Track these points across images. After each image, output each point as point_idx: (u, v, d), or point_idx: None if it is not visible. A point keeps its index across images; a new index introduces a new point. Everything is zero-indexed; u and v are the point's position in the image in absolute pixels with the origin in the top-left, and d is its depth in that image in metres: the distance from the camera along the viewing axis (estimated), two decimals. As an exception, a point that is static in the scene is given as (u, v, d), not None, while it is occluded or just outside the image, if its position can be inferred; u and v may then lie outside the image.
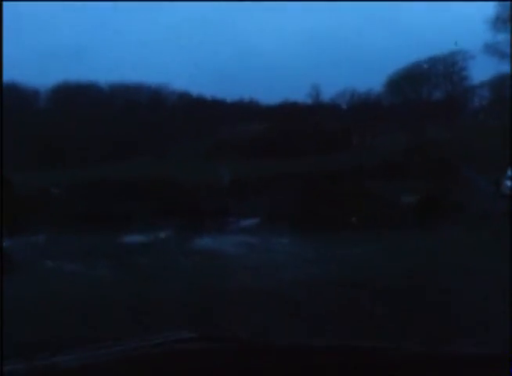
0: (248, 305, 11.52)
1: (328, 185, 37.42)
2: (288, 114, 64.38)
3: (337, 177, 40.95)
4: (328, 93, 68.34)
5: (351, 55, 71.96)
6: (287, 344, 3.61)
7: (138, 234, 26.40)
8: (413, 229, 25.98)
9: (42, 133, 57.55)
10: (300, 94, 68.63)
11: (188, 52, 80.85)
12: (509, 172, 35.38)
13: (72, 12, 69.35)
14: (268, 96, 66.43)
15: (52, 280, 16.27)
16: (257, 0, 66.50)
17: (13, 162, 37.29)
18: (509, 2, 47.40)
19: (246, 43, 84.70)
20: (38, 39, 73.84)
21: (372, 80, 61.42)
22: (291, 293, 13.02)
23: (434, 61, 61.70)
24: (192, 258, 19.36)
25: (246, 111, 67.73)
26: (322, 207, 30.72)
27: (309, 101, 67.47)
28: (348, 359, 2.77)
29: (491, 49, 50.01)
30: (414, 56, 59.53)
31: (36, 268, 17.73)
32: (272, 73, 74.37)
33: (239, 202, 34.92)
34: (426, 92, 63.46)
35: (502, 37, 49.98)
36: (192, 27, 79.55)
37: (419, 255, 18.46)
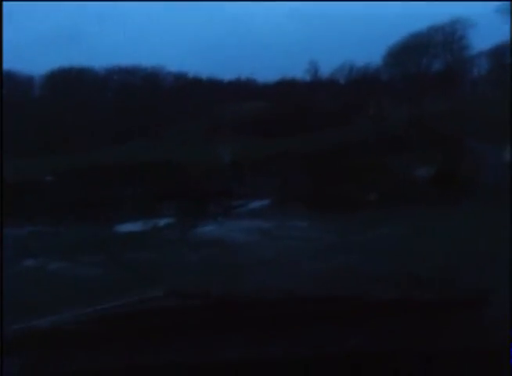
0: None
1: (336, 161, 34.58)
2: (286, 92, 61.96)
3: (344, 153, 38.31)
4: (326, 68, 66.48)
5: (349, 28, 69.30)
6: (258, 297, 3.26)
7: (135, 222, 23.36)
8: (435, 205, 22.97)
9: (38, 119, 55.50)
10: (298, 71, 66.46)
11: (182, 33, 78.49)
12: None
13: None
14: (266, 74, 64.96)
15: (33, 281, 13.05)
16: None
17: (8, 149, 33.67)
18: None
19: (240, 22, 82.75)
20: (32, 25, 71.37)
21: (371, 53, 59.39)
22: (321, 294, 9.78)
23: (433, 31, 59.47)
24: (196, 249, 15.94)
25: (243, 90, 65.32)
26: (335, 184, 27.68)
27: (307, 77, 65.42)
28: (320, 308, 2.75)
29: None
30: (413, 25, 57.31)
31: (16, 266, 14.52)
32: (269, 50, 72.31)
33: (244, 183, 31.87)
34: (425, 63, 60.56)
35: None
36: (186, 8, 77.10)
37: (456, 236, 15.31)
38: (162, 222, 23.04)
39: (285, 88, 63.42)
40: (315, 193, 26.86)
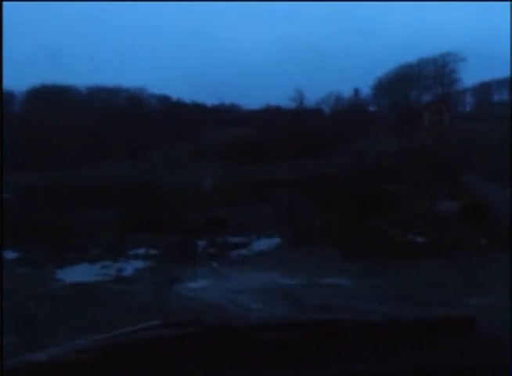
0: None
1: (339, 189, 27.36)
2: (271, 119, 57.31)
3: (342, 181, 31.51)
4: (313, 98, 60.18)
5: (337, 58, 62.98)
6: (249, 325, 3.15)
7: (91, 264, 15.18)
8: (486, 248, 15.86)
9: (16, 136, 47.89)
10: (283, 99, 61.00)
11: (167, 57, 72.20)
12: None
13: (49, 15, 60.76)
14: (250, 101, 59.32)
15: None
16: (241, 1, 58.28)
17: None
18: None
19: (226, 48, 76.41)
20: (14, 42, 64.24)
21: (359, 83, 54.33)
22: None
23: (424, 63, 54.18)
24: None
25: (227, 115, 60.80)
26: (352, 219, 19.83)
27: (293, 105, 58.56)
28: (311, 333, 2.49)
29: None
30: (403, 58, 52.87)
31: None
32: (254, 78, 66.37)
33: (234, 211, 23.66)
34: (415, 95, 54.08)
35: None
36: (172, 32, 70.90)
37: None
38: (129, 267, 14.79)
39: (269, 115, 58.63)
40: (333, 229, 18.79)
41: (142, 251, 17.08)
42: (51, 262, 15.38)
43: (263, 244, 17.48)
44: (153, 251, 17.06)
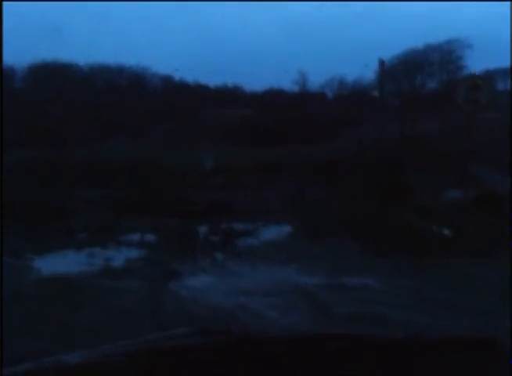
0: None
1: (348, 175, 25.00)
2: (273, 101, 54.34)
3: (349, 166, 29.13)
4: (316, 81, 57.03)
5: (341, 42, 60.33)
6: (279, 335, 3.22)
7: (78, 251, 12.70)
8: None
9: (18, 113, 44.55)
10: (286, 81, 58.70)
11: (170, 37, 69.38)
12: None
13: None
14: (254, 83, 56.89)
15: None
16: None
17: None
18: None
19: (230, 30, 73.23)
20: (16, 18, 61.79)
21: (363, 68, 52.04)
22: None
23: (429, 49, 50.75)
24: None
25: (230, 97, 57.24)
26: (369, 206, 17.33)
27: (296, 88, 56.02)
28: (340, 346, 2.43)
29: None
30: (409, 43, 50.44)
31: None
32: (258, 60, 64.04)
33: (238, 195, 21.21)
34: (420, 81, 51.38)
35: None
36: (175, 12, 68.09)
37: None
38: (119, 257, 12.29)
39: (272, 98, 55.56)
40: (348, 216, 16.34)
41: (135, 236, 14.68)
42: (29, 249, 12.91)
43: (272, 233, 15.01)
44: (148, 237, 14.64)
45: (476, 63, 51.45)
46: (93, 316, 7.73)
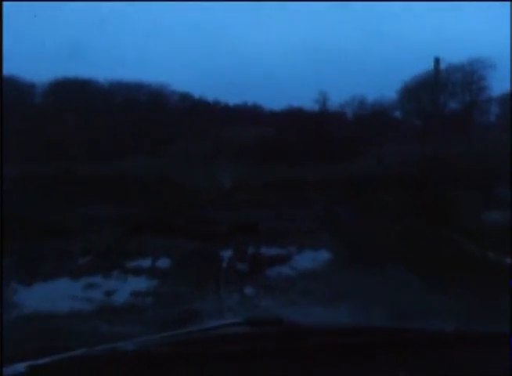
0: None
1: (376, 194, 22.22)
2: (293, 120, 51.64)
3: (375, 185, 26.45)
4: (336, 100, 55.42)
5: (362, 62, 57.76)
6: (328, 326, 2.89)
7: (73, 281, 9.78)
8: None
9: (37, 128, 44.54)
10: (306, 100, 56.29)
11: (190, 55, 67.33)
12: None
13: (73, 10, 56.71)
14: (273, 102, 54.67)
15: None
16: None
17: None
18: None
19: (249, 49, 71.13)
20: (38, 35, 60.19)
21: (384, 87, 49.50)
22: None
23: (451, 69, 47.67)
24: None
25: (249, 115, 54.89)
26: (411, 228, 14.39)
27: (316, 108, 53.27)
28: (386, 340, 2.36)
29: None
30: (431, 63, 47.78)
31: None
32: (278, 79, 61.29)
33: (262, 214, 18.38)
34: (442, 101, 48.66)
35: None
36: (196, 30, 66.13)
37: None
38: (124, 290, 9.24)
39: (292, 117, 52.88)
40: (387, 240, 13.41)
41: (146, 262, 11.74)
42: (17, 275, 10.04)
43: (308, 260, 12.04)
44: (161, 263, 11.74)
45: (499, 84, 48.70)
46: None
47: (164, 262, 11.53)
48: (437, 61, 16.65)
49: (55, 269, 10.64)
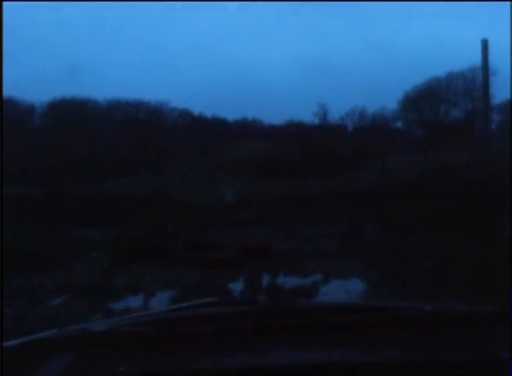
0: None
1: (394, 207, 19.65)
2: (293, 134, 50.40)
3: (390, 197, 24.01)
4: (337, 113, 54.39)
5: (361, 73, 55.58)
6: (303, 304, 2.96)
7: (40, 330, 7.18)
8: None
9: (37, 148, 43.60)
10: (306, 114, 54.52)
11: (188, 72, 65.16)
12: None
13: (71, 31, 55.04)
14: (273, 116, 52.78)
15: None
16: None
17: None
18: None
19: (248, 64, 69.46)
20: (37, 56, 58.61)
21: (384, 98, 47.55)
22: None
23: (452, 77, 45.82)
24: None
25: (249, 130, 53.48)
26: (452, 245, 11.61)
27: (316, 121, 51.61)
28: (361, 317, 2.25)
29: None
30: (432, 72, 46.04)
31: None
32: (277, 93, 59.39)
33: (269, 231, 15.68)
34: (444, 110, 46.99)
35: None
36: (194, 47, 64.18)
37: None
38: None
39: (292, 130, 51.50)
40: (431, 262, 10.62)
41: (137, 301, 8.90)
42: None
43: (340, 291, 9.07)
44: (156, 302, 8.92)
45: (502, 90, 46.28)
46: None
47: (159, 301, 8.66)
48: (484, 44, 14.06)
49: (20, 315, 7.82)
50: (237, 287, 9.73)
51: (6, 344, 1.94)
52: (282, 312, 2.30)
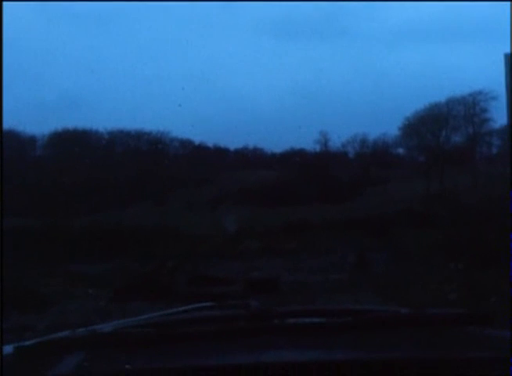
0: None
1: (404, 235, 18.83)
2: (295, 161, 49.70)
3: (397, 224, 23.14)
4: (338, 140, 53.34)
5: (362, 100, 55.02)
6: (291, 309, 2.97)
7: None
8: None
9: (38, 180, 42.12)
10: (307, 142, 52.95)
11: (189, 101, 64.71)
12: None
13: (71, 60, 54.77)
14: (275, 145, 52.67)
15: None
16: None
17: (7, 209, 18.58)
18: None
19: (248, 93, 68.70)
20: (37, 87, 58.33)
21: (385, 124, 46.90)
22: None
23: (452, 102, 45.28)
24: None
25: (250, 159, 53.40)
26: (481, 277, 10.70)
27: (317, 148, 51.36)
28: (354, 320, 2.32)
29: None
30: (432, 97, 45.50)
31: None
32: (277, 122, 58.81)
33: (276, 263, 14.75)
34: (444, 136, 46.63)
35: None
36: (194, 77, 63.78)
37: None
38: None
39: (294, 158, 50.48)
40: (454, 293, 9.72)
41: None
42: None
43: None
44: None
45: (503, 115, 45.63)
46: None
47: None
48: (510, 59, 13.40)
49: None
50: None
51: (22, 344, 2.03)
52: (272, 315, 2.38)
